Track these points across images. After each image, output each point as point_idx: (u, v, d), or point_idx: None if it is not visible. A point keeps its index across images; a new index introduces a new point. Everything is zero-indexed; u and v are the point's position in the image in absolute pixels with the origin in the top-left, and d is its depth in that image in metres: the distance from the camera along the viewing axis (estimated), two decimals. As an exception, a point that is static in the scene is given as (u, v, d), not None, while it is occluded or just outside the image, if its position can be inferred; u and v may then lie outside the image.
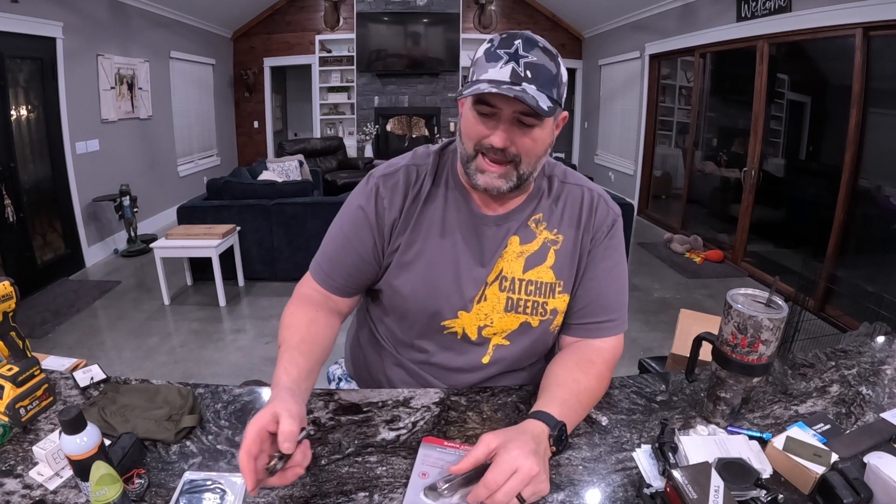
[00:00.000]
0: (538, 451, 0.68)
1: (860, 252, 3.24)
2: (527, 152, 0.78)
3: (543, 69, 0.74)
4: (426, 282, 0.88)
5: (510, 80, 0.73)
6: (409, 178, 0.89)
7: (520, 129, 0.76)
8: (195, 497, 0.68)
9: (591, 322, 0.91)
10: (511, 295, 0.89)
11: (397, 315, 0.93)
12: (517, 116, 0.75)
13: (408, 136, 7.53)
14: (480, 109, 0.77)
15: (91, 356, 2.79)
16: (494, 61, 0.74)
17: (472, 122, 0.79)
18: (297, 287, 0.95)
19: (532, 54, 0.74)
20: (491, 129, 0.77)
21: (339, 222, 0.93)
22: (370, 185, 0.90)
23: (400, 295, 0.90)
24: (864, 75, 3.06)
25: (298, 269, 0.89)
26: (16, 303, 0.88)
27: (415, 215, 0.88)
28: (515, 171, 0.79)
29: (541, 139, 0.78)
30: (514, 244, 0.89)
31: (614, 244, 0.92)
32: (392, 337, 0.96)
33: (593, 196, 0.92)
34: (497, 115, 0.76)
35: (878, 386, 0.95)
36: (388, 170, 0.91)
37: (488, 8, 7.00)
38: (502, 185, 0.80)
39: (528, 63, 0.74)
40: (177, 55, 5.79)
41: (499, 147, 0.76)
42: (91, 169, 4.31)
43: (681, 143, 5.54)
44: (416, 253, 0.88)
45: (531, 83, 0.73)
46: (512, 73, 0.73)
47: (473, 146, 0.79)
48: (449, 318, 0.90)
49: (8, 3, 3.32)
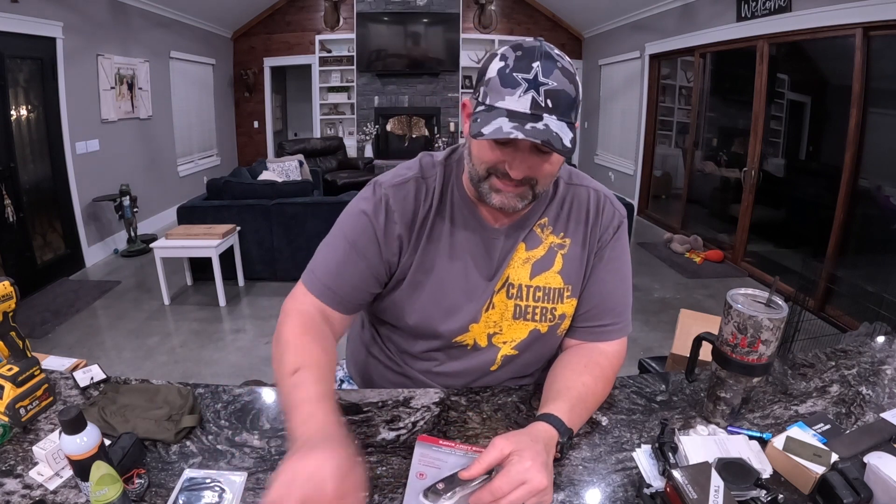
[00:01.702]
0: (548, 463, 0.66)
1: (860, 252, 3.24)
2: (544, 175, 0.75)
3: (563, 95, 0.69)
4: (436, 302, 0.86)
5: (530, 112, 0.68)
6: (420, 192, 0.85)
7: (538, 156, 0.73)
8: (194, 494, 0.68)
9: (596, 325, 0.89)
10: (519, 302, 0.87)
11: (406, 333, 0.91)
12: (535, 145, 0.71)
13: (408, 136, 7.52)
14: (497, 140, 0.72)
15: (91, 356, 2.79)
16: (511, 87, 0.68)
17: (486, 149, 0.74)
18: (288, 303, 0.85)
19: (552, 79, 0.68)
20: (508, 156, 0.73)
21: (340, 231, 0.86)
22: (378, 194, 0.84)
23: (409, 316, 0.87)
24: (864, 75, 3.06)
25: (298, 269, 0.86)
26: (16, 303, 0.88)
27: (424, 234, 0.84)
28: (532, 191, 0.76)
29: (557, 161, 0.75)
30: (520, 250, 0.87)
31: (620, 246, 0.90)
32: (397, 348, 0.95)
33: (599, 197, 0.90)
34: (514, 143, 0.72)
35: (878, 386, 0.95)
36: (397, 180, 0.85)
37: (488, 8, 6.99)
38: (518, 204, 0.77)
39: (549, 91, 0.68)
40: (177, 55, 5.79)
41: (518, 179, 0.73)
42: (91, 169, 4.31)
43: (681, 143, 5.54)
44: (425, 273, 0.85)
45: (552, 113, 0.68)
46: (532, 103, 0.68)
47: (486, 168, 0.75)
48: (460, 333, 0.89)
49: (8, 3, 3.32)
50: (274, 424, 0.84)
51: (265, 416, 0.86)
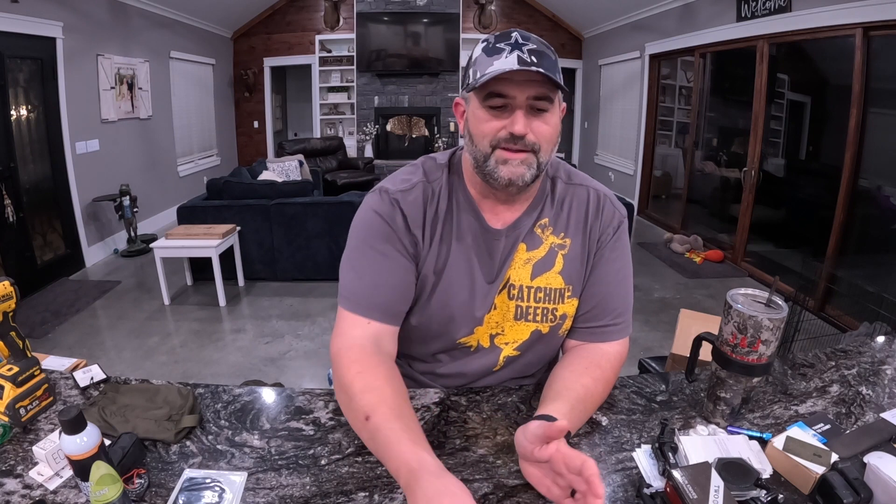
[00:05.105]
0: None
1: (860, 252, 3.24)
2: (545, 139, 0.77)
3: (545, 55, 0.75)
4: (442, 304, 0.86)
5: (519, 66, 0.72)
6: (427, 196, 0.85)
7: (535, 115, 0.76)
8: (194, 494, 0.68)
9: (597, 326, 0.89)
10: (520, 303, 0.87)
11: (411, 336, 0.91)
12: (530, 103, 0.75)
13: (408, 136, 7.52)
14: (493, 103, 0.76)
15: (91, 356, 2.79)
16: (497, 54, 0.74)
17: (484, 119, 0.77)
18: (334, 344, 0.79)
19: (531, 42, 0.75)
20: (506, 119, 0.76)
21: (362, 243, 0.83)
22: (386, 199, 0.83)
23: (416, 318, 0.88)
24: (864, 75, 3.06)
25: (298, 269, 0.86)
26: (16, 303, 0.88)
27: (433, 238, 0.85)
28: (536, 159, 0.78)
29: (554, 124, 0.78)
30: (521, 251, 0.87)
31: (620, 245, 0.90)
32: (401, 351, 0.94)
33: (599, 196, 0.90)
34: (510, 105, 0.75)
35: (878, 386, 0.95)
36: (404, 186, 0.85)
37: (488, 8, 7.00)
38: (526, 174, 0.78)
39: (531, 50, 0.74)
40: (177, 55, 5.79)
41: (520, 134, 0.75)
42: (91, 169, 4.31)
43: (681, 143, 5.54)
44: (435, 276, 0.86)
45: (539, 66, 0.73)
46: (519, 60, 0.73)
47: (490, 142, 0.77)
48: (465, 336, 0.89)
49: (8, 3, 3.32)
50: (274, 424, 0.84)
51: (265, 416, 0.86)
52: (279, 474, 0.73)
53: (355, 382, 0.72)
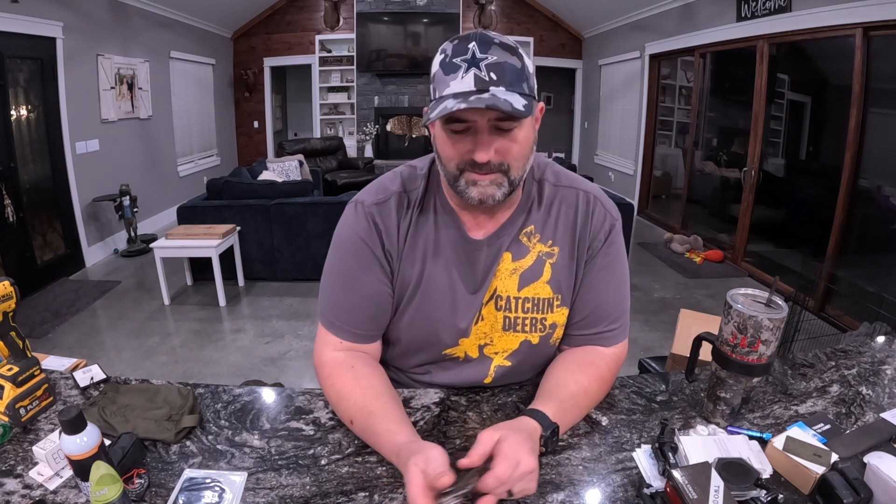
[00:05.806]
0: (534, 449, 0.68)
1: (860, 252, 3.24)
2: (514, 157, 0.73)
3: (507, 66, 0.69)
4: (423, 316, 0.85)
5: (476, 88, 0.68)
6: (401, 206, 0.84)
7: (500, 136, 0.71)
8: (194, 494, 0.68)
9: (591, 333, 0.88)
10: (508, 314, 0.86)
11: (396, 347, 0.91)
12: (493, 124, 0.70)
13: (408, 136, 7.52)
14: (453, 128, 0.72)
15: (91, 356, 2.79)
16: (454, 72, 0.69)
17: (447, 143, 0.74)
18: (318, 354, 0.86)
19: (490, 54, 0.69)
20: (469, 144, 0.72)
21: (339, 264, 0.85)
22: (361, 213, 0.83)
23: (398, 331, 0.88)
24: (864, 75, 3.06)
25: (298, 269, 0.87)
26: (16, 303, 0.88)
27: (407, 248, 0.84)
28: (506, 178, 0.75)
29: (523, 139, 0.73)
30: (506, 261, 0.84)
31: (613, 251, 0.87)
32: (391, 364, 0.96)
33: (589, 199, 0.86)
34: (472, 127, 0.71)
35: (878, 386, 0.95)
36: (380, 197, 0.84)
37: (488, 8, 6.98)
38: (496, 193, 0.75)
39: (490, 64, 0.68)
40: (177, 55, 5.79)
41: (482, 161, 0.71)
42: (91, 169, 4.31)
43: (681, 143, 5.54)
44: (412, 288, 0.84)
45: (499, 85, 0.68)
46: (476, 79, 0.68)
47: (456, 165, 0.74)
48: (450, 347, 0.88)
49: (8, 3, 3.32)
50: (274, 424, 0.84)
51: (265, 416, 0.86)
52: (279, 474, 0.73)
53: (331, 394, 0.82)
